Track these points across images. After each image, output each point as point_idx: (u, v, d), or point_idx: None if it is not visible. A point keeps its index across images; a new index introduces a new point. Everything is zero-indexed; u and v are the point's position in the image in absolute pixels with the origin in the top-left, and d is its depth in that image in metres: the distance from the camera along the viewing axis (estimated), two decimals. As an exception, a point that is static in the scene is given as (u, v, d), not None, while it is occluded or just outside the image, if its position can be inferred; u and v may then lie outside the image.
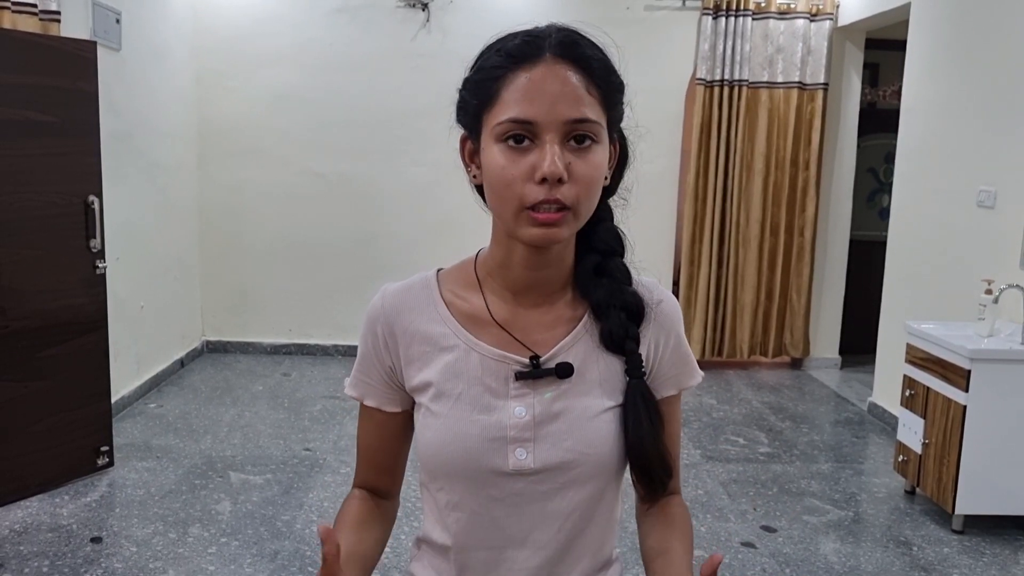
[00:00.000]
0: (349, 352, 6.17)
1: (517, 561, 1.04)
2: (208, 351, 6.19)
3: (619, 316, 1.05)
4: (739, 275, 6.13)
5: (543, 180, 0.92)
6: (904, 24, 5.00)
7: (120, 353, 4.58)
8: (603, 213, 1.07)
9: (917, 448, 3.78)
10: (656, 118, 5.99)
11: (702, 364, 6.41)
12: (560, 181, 0.93)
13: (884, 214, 6.33)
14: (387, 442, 1.14)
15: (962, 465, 3.49)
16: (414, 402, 1.10)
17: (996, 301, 3.65)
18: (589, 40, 0.98)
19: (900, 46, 5.07)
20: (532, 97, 0.93)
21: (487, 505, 1.03)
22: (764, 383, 5.94)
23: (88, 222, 3.76)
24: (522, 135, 0.94)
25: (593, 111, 0.95)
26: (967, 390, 3.44)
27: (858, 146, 6.25)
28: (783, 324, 6.24)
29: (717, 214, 6.03)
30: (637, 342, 1.06)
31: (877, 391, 5.22)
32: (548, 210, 0.94)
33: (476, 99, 0.98)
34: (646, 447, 1.02)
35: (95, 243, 3.79)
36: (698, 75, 5.92)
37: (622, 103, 1.03)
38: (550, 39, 0.96)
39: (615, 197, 1.10)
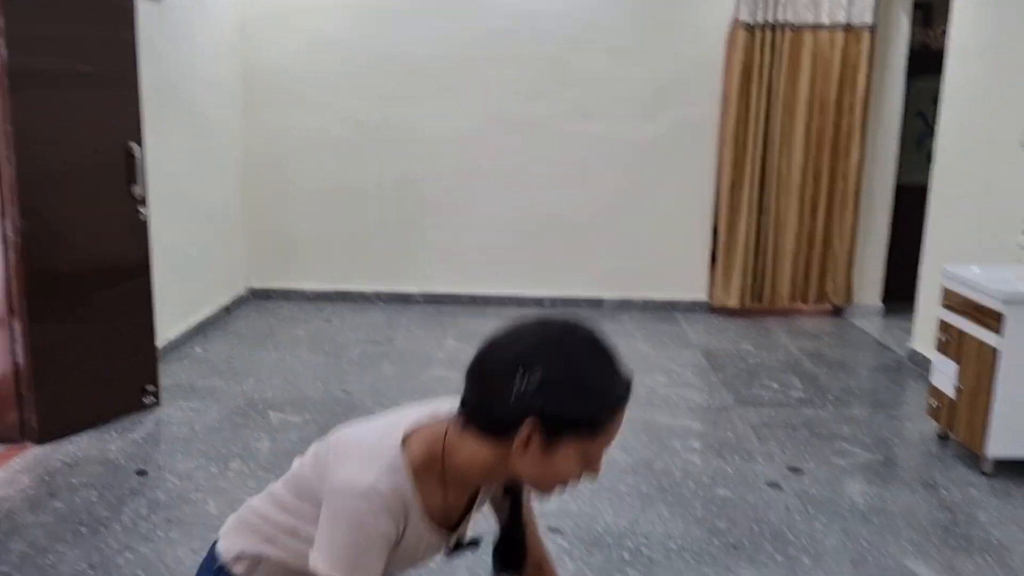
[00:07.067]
0: (390, 299, 6.28)
1: None
2: (253, 298, 6.35)
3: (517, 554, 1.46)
4: (780, 222, 6.06)
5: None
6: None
7: (167, 299, 4.71)
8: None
9: (950, 393, 3.75)
10: (696, 62, 5.91)
11: (740, 311, 6.32)
12: None
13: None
14: None
15: (994, 408, 3.45)
16: None
17: (1035, 243, 3.58)
18: None
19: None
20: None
21: None
22: (803, 330, 5.90)
23: (129, 169, 3.87)
24: None
25: None
26: (1000, 333, 3.39)
27: (908, 89, 6.09)
28: (824, 271, 6.17)
29: (758, 160, 5.94)
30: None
31: (916, 338, 5.16)
32: None
33: (587, 417, 1.20)
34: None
35: (137, 189, 3.91)
36: (740, 17, 5.81)
37: None
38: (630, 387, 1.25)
39: None
